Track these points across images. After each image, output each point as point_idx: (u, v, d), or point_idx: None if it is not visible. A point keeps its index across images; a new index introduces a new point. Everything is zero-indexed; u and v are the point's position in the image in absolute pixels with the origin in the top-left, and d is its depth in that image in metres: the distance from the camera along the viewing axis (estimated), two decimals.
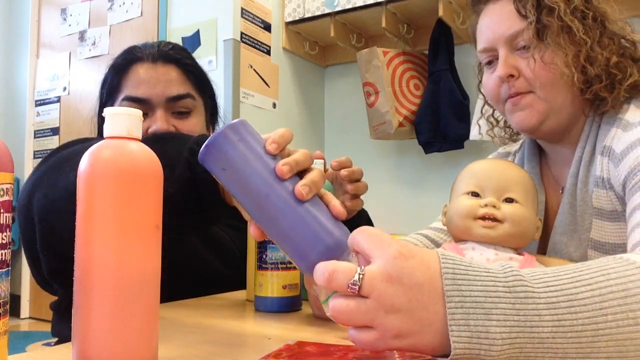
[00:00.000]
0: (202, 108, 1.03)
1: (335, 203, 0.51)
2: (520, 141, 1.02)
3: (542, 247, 0.89)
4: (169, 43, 1.04)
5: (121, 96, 0.97)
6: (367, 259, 0.44)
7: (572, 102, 0.83)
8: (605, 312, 0.43)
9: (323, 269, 0.44)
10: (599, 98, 0.82)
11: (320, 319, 0.68)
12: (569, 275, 0.45)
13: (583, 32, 0.80)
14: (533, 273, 0.45)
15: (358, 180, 0.90)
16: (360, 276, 0.42)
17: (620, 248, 0.79)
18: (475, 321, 0.41)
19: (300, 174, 0.52)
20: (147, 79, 0.96)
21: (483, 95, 0.99)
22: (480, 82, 0.98)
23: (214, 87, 1.09)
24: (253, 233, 0.53)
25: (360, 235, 0.46)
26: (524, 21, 0.82)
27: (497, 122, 1.03)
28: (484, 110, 1.04)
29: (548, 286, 0.44)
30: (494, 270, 0.44)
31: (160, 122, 0.95)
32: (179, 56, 1.01)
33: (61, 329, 0.91)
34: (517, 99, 0.84)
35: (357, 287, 0.42)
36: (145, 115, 0.96)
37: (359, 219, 0.94)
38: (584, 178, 0.82)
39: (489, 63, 0.89)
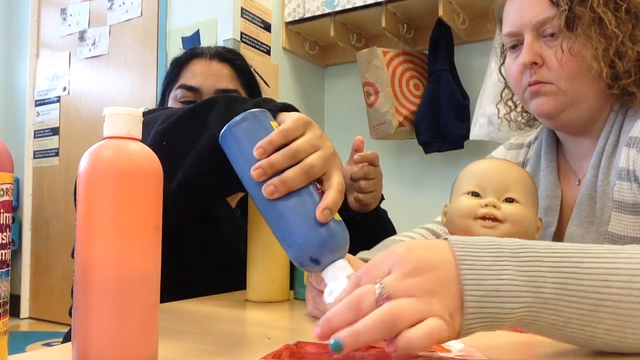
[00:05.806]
0: None
1: (323, 204, 0.53)
2: (535, 133, 1.01)
3: (557, 241, 0.87)
4: (226, 47, 1.18)
5: (177, 85, 1.09)
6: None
7: (595, 95, 0.82)
8: (610, 284, 0.43)
9: (348, 307, 0.43)
10: (626, 93, 0.81)
11: (318, 319, 0.68)
12: (576, 247, 0.46)
13: (615, 25, 0.78)
14: (540, 242, 0.46)
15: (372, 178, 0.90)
16: (381, 287, 0.42)
17: (639, 242, 0.77)
18: (485, 281, 0.42)
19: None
20: (202, 71, 1.08)
21: (504, 77, 0.98)
22: (503, 64, 0.97)
23: (261, 90, 1.20)
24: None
25: (363, 270, 0.46)
26: (555, 8, 0.80)
27: (515, 106, 1.02)
28: (504, 94, 1.03)
29: (554, 252, 0.45)
30: (497, 240, 0.46)
31: None
32: (233, 57, 1.14)
33: None
34: (537, 87, 0.83)
35: (385, 295, 0.42)
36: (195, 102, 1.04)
37: (376, 215, 1.03)
38: (606, 170, 0.81)
39: (513, 47, 0.87)
